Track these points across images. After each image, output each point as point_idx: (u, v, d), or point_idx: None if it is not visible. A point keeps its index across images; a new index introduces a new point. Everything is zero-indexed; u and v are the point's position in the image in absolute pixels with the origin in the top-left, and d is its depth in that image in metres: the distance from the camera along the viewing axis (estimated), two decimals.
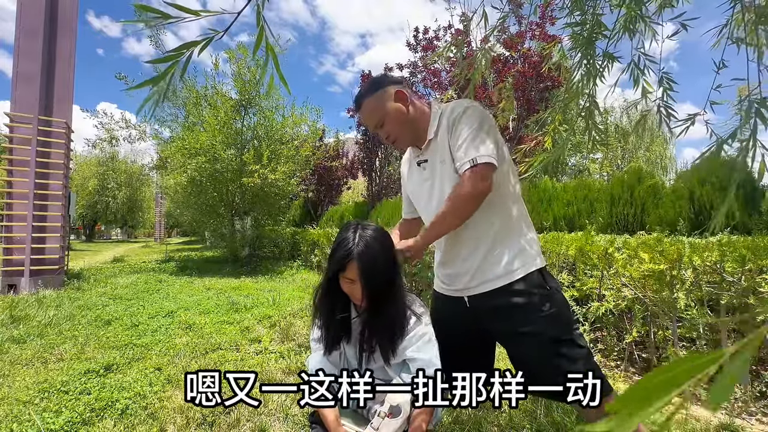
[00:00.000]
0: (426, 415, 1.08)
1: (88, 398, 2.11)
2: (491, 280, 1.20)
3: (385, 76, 1.34)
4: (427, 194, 1.34)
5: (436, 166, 1.29)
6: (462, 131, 1.19)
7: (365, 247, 1.10)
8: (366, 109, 1.30)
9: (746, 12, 1.22)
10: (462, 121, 1.20)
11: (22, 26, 5.33)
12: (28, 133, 5.32)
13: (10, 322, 3.60)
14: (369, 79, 1.35)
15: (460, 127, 1.20)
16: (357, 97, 1.33)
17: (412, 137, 1.33)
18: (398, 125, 1.29)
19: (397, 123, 1.28)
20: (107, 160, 25.39)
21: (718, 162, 3.63)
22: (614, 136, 14.99)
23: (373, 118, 1.29)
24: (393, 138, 1.32)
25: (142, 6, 0.75)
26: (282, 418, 1.96)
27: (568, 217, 5.79)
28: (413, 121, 1.30)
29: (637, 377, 2.57)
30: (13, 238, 5.30)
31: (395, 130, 1.30)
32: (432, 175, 1.31)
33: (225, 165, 8.13)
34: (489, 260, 1.21)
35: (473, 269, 1.23)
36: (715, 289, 2.21)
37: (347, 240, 1.12)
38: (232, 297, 4.89)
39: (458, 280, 1.28)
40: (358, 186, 15.50)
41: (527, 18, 1.75)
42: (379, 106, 1.27)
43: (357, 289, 1.12)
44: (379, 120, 1.29)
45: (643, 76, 1.53)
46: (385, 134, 1.31)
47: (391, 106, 1.27)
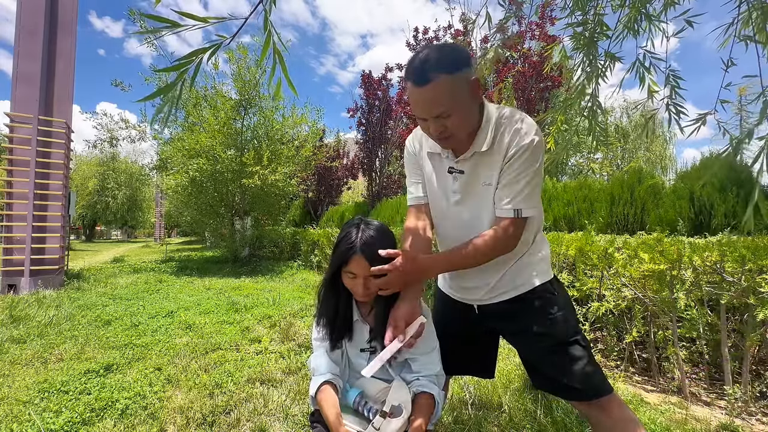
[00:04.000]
0: (426, 415, 1.08)
1: (88, 398, 2.11)
2: (505, 293, 1.22)
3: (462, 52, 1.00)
4: (454, 208, 1.20)
5: (476, 186, 1.14)
6: (520, 169, 1.06)
7: (369, 240, 1.11)
8: (437, 89, 0.96)
9: (753, 10, 1.22)
10: (525, 158, 1.05)
11: (22, 26, 5.33)
12: (28, 133, 5.32)
13: (10, 322, 3.60)
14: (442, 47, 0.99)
15: (519, 162, 1.05)
16: (428, 68, 0.95)
17: (463, 140, 1.10)
18: (462, 125, 1.04)
19: (463, 122, 1.03)
20: (107, 160, 25.40)
21: (728, 163, 3.63)
22: (614, 136, 14.99)
23: (441, 105, 0.98)
24: (447, 135, 1.05)
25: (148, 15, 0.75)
26: (282, 418, 1.96)
27: (568, 217, 5.79)
28: (473, 124, 1.08)
29: (637, 377, 2.57)
30: (13, 238, 5.29)
31: (456, 128, 1.03)
32: (466, 192, 1.16)
33: (225, 165, 8.13)
34: (506, 278, 1.20)
35: (490, 286, 1.22)
36: (715, 289, 2.20)
37: (350, 234, 1.12)
38: (232, 297, 4.89)
39: (473, 293, 1.27)
40: (358, 186, 15.49)
41: (527, 18, 1.75)
42: (456, 92, 0.98)
43: (359, 285, 1.12)
44: (446, 110, 0.99)
45: (649, 74, 1.53)
46: (440, 128, 1.03)
47: (467, 100, 1.01)
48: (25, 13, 5.35)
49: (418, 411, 1.09)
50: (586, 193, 5.88)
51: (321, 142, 12.06)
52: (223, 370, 2.54)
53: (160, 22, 0.74)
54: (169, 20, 0.74)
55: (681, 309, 2.31)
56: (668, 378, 2.44)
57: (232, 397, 2.16)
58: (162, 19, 0.74)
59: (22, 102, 5.31)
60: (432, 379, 1.16)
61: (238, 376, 2.46)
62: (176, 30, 0.73)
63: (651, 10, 1.48)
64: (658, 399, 2.23)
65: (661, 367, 2.51)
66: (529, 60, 7.31)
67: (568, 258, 3.09)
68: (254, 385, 2.34)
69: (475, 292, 1.26)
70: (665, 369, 2.48)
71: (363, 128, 11.44)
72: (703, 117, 1.35)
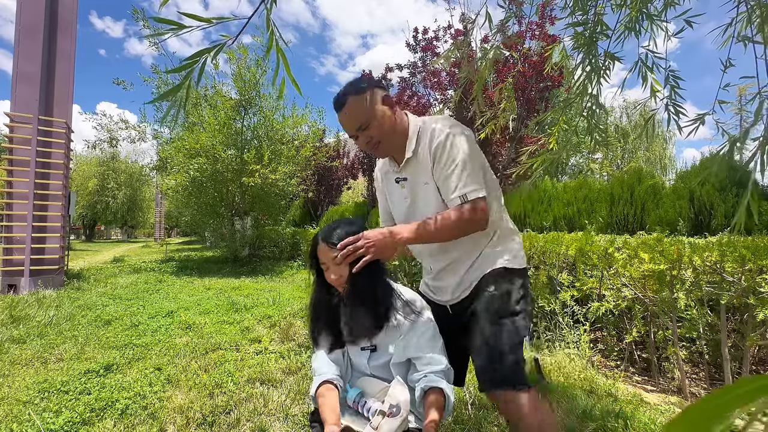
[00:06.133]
0: (438, 410, 1.07)
1: (88, 398, 2.11)
2: (467, 288, 1.27)
3: (370, 79, 1.28)
4: (406, 213, 1.33)
5: (418, 187, 1.26)
6: (447, 162, 1.15)
7: (328, 229, 1.19)
8: (350, 107, 1.21)
9: (754, 10, 1.22)
10: (447, 151, 1.16)
11: (22, 26, 5.33)
12: (28, 133, 5.32)
13: (10, 322, 3.60)
14: (351, 81, 1.27)
15: (444, 157, 1.16)
16: (339, 95, 1.23)
17: (393, 147, 1.28)
18: (383, 131, 1.23)
19: (382, 128, 1.22)
20: (107, 160, 25.41)
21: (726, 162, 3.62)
22: (614, 136, 14.99)
23: (358, 119, 1.21)
24: (374, 143, 1.24)
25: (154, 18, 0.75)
26: (282, 418, 1.96)
27: (568, 217, 5.79)
28: (396, 131, 1.25)
29: (637, 377, 2.57)
30: (13, 238, 5.29)
31: (379, 135, 1.23)
32: (412, 195, 1.29)
33: (225, 165, 8.13)
34: (468, 274, 1.26)
35: (455, 284, 1.29)
36: (715, 289, 2.20)
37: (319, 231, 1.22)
38: (232, 297, 4.89)
39: (443, 294, 1.34)
40: (358, 186, 15.49)
41: (527, 18, 1.75)
42: (366, 106, 1.20)
43: (330, 273, 1.16)
44: (364, 122, 1.21)
45: (651, 74, 1.53)
46: (366, 138, 1.23)
47: (378, 109, 1.21)
48: (25, 13, 5.35)
49: (430, 407, 1.07)
50: (586, 193, 5.88)
51: (321, 142, 12.07)
52: (223, 370, 2.54)
53: (166, 24, 0.74)
54: (173, 22, 0.74)
55: (681, 309, 2.31)
56: (668, 378, 2.44)
57: (232, 397, 2.16)
58: (167, 21, 0.74)
59: (22, 102, 5.31)
60: (440, 374, 1.14)
61: (238, 376, 2.46)
62: (181, 32, 0.74)
63: (652, 10, 1.48)
64: (658, 399, 2.23)
65: (661, 367, 2.51)
66: (529, 60, 7.31)
67: (569, 258, 3.09)
68: (254, 385, 2.34)
69: (445, 292, 1.33)
70: (665, 369, 2.48)
71: None
72: (701, 117, 1.35)
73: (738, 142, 0.95)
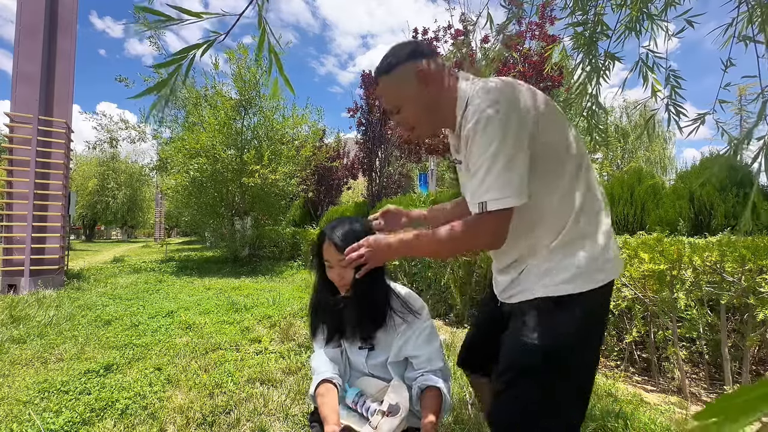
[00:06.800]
0: (435, 409, 1.07)
1: (88, 398, 2.11)
2: (512, 296, 1.07)
3: (409, 46, 1.07)
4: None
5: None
6: (476, 155, 0.91)
7: (336, 225, 1.17)
8: (381, 90, 1.09)
9: (756, 10, 1.21)
10: (477, 141, 0.91)
11: (22, 26, 5.33)
12: (28, 133, 5.32)
13: (10, 322, 3.60)
14: (392, 49, 1.08)
15: (475, 148, 0.92)
16: (375, 73, 1.10)
17: (435, 124, 1.10)
18: (416, 114, 1.06)
19: (415, 110, 1.06)
20: (107, 161, 25.42)
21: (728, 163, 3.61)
22: (614, 136, 14.99)
23: (389, 103, 1.09)
24: (409, 126, 1.10)
25: (143, 8, 0.75)
26: (282, 418, 1.96)
27: None
28: (439, 107, 1.05)
29: (637, 377, 2.57)
30: (13, 238, 5.29)
31: (413, 119, 1.07)
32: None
33: (225, 165, 8.13)
34: (508, 288, 1.09)
35: (506, 284, 1.10)
36: (715, 289, 2.20)
37: (325, 227, 1.20)
38: (232, 297, 4.89)
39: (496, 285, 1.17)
40: (358, 186, 15.50)
41: (527, 18, 1.75)
42: (395, 88, 1.05)
43: (334, 273, 1.15)
44: (395, 104, 1.07)
45: (652, 73, 1.53)
46: (400, 120, 1.10)
47: (409, 90, 1.04)
48: (25, 13, 5.35)
49: (427, 407, 1.07)
50: None
51: (321, 142, 12.07)
52: (223, 370, 2.54)
53: (158, 16, 0.74)
54: (165, 14, 0.74)
55: (681, 309, 2.31)
56: (668, 378, 2.44)
57: (232, 397, 2.16)
58: (159, 13, 0.75)
59: (22, 102, 5.31)
60: (437, 373, 1.15)
61: (238, 376, 2.45)
62: (172, 23, 0.74)
63: (652, 10, 1.48)
64: (658, 399, 2.23)
65: (661, 367, 2.51)
66: (529, 60, 7.31)
67: None
68: (254, 385, 2.34)
69: (497, 286, 1.17)
70: (665, 369, 2.48)
71: (363, 128, 11.43)
72: (701, 117, 1.35)
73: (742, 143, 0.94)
